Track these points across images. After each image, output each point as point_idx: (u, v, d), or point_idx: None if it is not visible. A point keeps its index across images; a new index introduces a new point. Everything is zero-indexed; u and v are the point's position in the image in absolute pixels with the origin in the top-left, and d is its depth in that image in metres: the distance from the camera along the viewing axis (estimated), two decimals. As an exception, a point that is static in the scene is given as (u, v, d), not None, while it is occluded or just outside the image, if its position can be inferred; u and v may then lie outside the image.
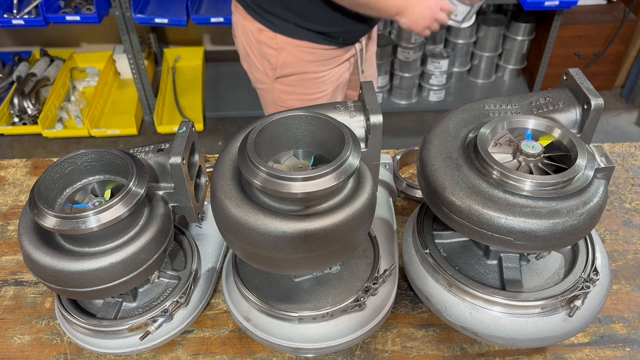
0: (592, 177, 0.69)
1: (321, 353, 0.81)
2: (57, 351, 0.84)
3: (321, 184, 0.61)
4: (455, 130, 0.77)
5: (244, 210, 0.64)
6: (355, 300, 0.79)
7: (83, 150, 0.75)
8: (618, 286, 0.91)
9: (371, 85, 0.73)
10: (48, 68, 3.21)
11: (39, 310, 0.90)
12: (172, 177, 0.77)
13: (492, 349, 0.82)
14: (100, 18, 2.59)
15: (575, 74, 0.77)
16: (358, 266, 0.84)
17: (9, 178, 1.17)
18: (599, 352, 0.82)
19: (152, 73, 3.36)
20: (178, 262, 0.88)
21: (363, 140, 0.72)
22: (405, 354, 0.82)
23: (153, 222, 0.74)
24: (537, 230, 0.65)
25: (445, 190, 0.70)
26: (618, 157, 1.17)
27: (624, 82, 3.32)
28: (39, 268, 0.70)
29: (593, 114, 0.74)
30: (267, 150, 0.70)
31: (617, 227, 1.02)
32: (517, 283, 0.77)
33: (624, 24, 2.93)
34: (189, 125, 0.79)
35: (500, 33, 3.12)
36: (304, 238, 0.63)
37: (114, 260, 0.70)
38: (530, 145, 0.72)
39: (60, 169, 0.74)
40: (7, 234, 1.04)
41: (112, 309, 0.81)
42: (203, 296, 0.86)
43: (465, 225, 0.69)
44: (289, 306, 0.79)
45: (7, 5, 2.66)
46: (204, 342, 0.84)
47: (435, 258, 0.80)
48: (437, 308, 0.79)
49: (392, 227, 0.95)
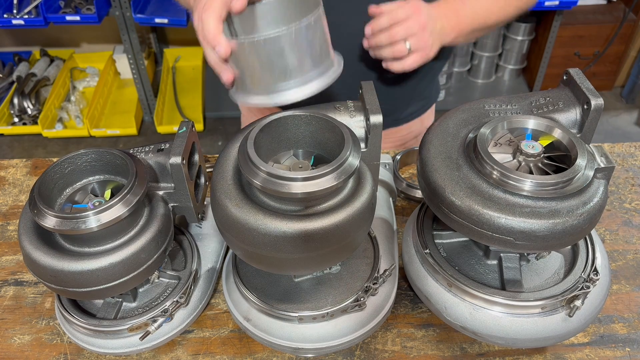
0: (592, 177, 0.69)
1: (321, 353, 0.81)
2: (57, 351, 0.84)
3: (321, 184, 0.61)
4: (455, 130, 0.77)
5: (244, 210, 0.64)
6: (355, 300, 0.79)
7: (83, 150, 0.75)
8: (618, 286, 0.91)
9: (371, 85, 0.73)
10: (48, 68, 3.21)
11: (39, 310, 0.90)
12: (172, 177, 0.77)
13: (492, 349, 0.82)
14: (100, 18, 2.59)
15: (575, 74, 0.77)
16: (358, 266, 0.84)
17: (9, 178, 1.17)
18: (599, 352, 0.82)
19: (152, 73, 3.36)
20: (178, 262, 0.88)
21: (363, 140, 0.72)
22: (405, 354, 0.82)
23: (153, 222, 0.74)
24: (537, 230, 0.65)
25: (445, 190, 0.70)
26: (618, 157, 1.17)
27: (624, 82, 3.32)
28: (39, 268, 0.70)
29: (593, 114, 0.74)
30: (267, 150, 0.70)
31: (617, 227, 1.02)
32: (517, 283, 0.77)
33: (624, 24, 2.93)
34: (189, 125, 0.79)
35: (500, 33, 3.12)
36: (304, 238, 0.63)
37: (114, 260, 0.70)
38: (530, 145, 0.72)
39: (60, 169, 0.74)
40: (7, 234, 1.04)
41: (112, 309, 0.81)
42: (203, 296, 0.86)
43: (465, 225, 0.69)
44: (289, 306, 0.79)
45: (7, 5, 2.66)
46: (204, 342, 0.84)
47: (435, 258, 0.80)
48: (437, 308, 0.79)
49: (392, 227, 0.95)
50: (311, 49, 0.67)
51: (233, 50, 0.67)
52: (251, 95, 0.70)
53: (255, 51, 0.65)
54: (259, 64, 0.66)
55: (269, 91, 0.68)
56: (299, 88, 0.69)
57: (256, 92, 0.69)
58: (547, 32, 2.93)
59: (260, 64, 0.66)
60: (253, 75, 0.67)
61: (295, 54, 0.66)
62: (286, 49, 0.65)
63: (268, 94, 0.69)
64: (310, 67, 0.68)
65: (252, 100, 0.71)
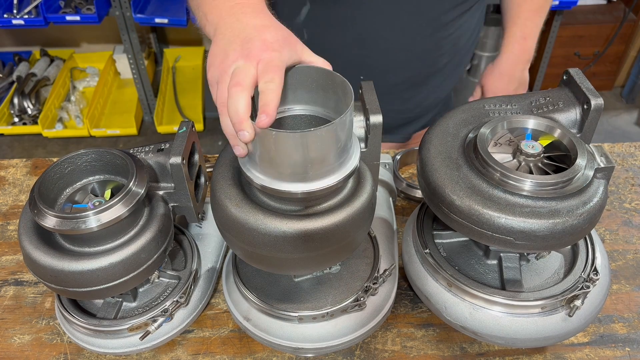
0: (592, 177, 0.69)
1: (321, 353, 0.81)
2: (57, 351, 0.84)
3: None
4: (455, 130, 0.77)
5: (244, 210, 0.64)
6: (355, 300, 0.79)
7: (83, 150, 0.75)
8: (618, 286, 0.91)
9: (371, 85, 0.73)
10: (48, 68, 3.21)
11: (39, 310, 0.90)
12: (172, 177, 0.77)
13: (492, 348, 0.82)
14: (100, 18, 2.59)
15: (575, 73, 0.77)
16: (358, 266, 0.84)
17: (9, 178, 1.17)
18: (599, 352, 0.82)
19: (152, 73, 3.36)
20: (178, 262, 0.88)
21: (363, 140, 0.72)
22: (405, 353, 0.82)
23: (153, 222, 0.74)
24: (537, 230, 0.65)
25: (445, 190, 0.70)
26: (618, 157, 1.17)
27: (624, 82, 3.32)
28: (39, 268, 0.70)
29: (593, 114, 0.74)
30: (267, 150, 0.70)
31: (617, 227, 1.02)
32: (517, 283, 0.77)
33: (624, 24, 2.93)
34: (189, 125, 0.79)
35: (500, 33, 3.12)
36: (304, 238, 0.63)
37: (114, 260, 0.70)
38: (530, 145, 0.72)
39: (60, 169, 0.74)
40: (7, 234, 1.04)
41: (112, 309, 0.81)
42: (203, 296, 0.86)
43: (465, 225, 0.69)
44: (289, 306, 0.79)
45: (7, 5, 2.66)
46: (204, 342, 0.84)
47: (435, 258, 0.80)
48: (437, 308, 0.79)
49: (392, 227, 0.95)
50: (337, 144, 0.61)
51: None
52: (261, 175, 0.63)
53: (276, 142, 0.59)
54: (277, 153, 0.60)
55: (281, 178, 0.62)
56: (314, 182, 0.63)
57: (267, 174, 0.62)
58: (547, 32, 2.93)
59: (278, 154, 0.60)
60: (269, 161, 0.61)
61: (318, 151, 0.60)
62: (312, 146, 0.59)
63: (279, 179, 0.62)
64: (333, 161, 0.62)
65: (261, 182, 0.63)
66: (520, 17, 1.22)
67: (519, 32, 1.22)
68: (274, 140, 0.57)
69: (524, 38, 1.23)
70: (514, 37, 1.23)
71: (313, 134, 0.57)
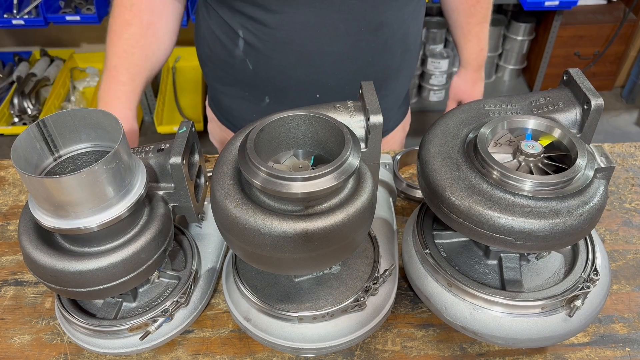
0: (592, 177, 0.69)
1: (321, 353, 0.81)
2: (57, 351, 0.84)
3: (321, 184, 0.61)
4: (455, 130, 0.77)
5: (244, 210, 0.64)
6: (355, 300, 0.79)
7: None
8: (618, 286, 0.91)
9: (371, 85, 0.73)
10: (48, 68, 3.21)
11: (39, 310, 0.90)
12: (172, 177, 0.77)
13: (492, 349, 0.82)
14: (100, 18, 2.59)
15: (575, 74, 0.77)
16: (358, 266, 0.84)
17: (9, 178, 1.17)
18: (599, 352, 0.82)
19: (152, 73, 3.35)
20: (178, 262, 0.88)
21: (363, 140, 0.72)
22: (405, 354, 0.82)
23: (153, 222, 0.74)
24: (537, 230, 0.65)
25: (445, 190, 0.70)
26: (618, 157, 1.17)
27: (624, 82, 3.33)
28: (39, 268, 0.70)
29: (593, 114, 0.74)
30: (267, 150, 0.70)
31: (617, 227, 1.02)
32: (517, 283, 0.77)
33: (624, 24, 2.93)
34: (189, 125, 0.79)
35: (500, 33, 3.12)
36: (304, 238, 0.63)
37: (114, 260, 0.70)
38: (530, 145, 0.72)
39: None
40: (7, 234, 1.04)
41: (112, 309, 0.81)
42: (203, 296, 0.86)
43: (465, 225, 0.69)
44: (289, 306, 0.79)
45: (7, 5, 2.66)
46: (204, 342, 0.84)
47: (435, 258, 0.80)
48: (437, 308, 0.79)
49: (392, 227, 0.95)
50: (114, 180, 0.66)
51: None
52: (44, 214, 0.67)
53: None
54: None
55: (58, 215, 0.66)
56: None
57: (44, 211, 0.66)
58: (547, 32, 2.93)
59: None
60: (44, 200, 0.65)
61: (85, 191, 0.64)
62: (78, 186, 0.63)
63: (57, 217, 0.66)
64: (112, 196, 0.67)
65: (41, 219, 0.67)
66: (471, 33, 1.30)
67: (475, 46, 1.32)
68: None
69: (481, 49, 1.33)
70: (472, 51, 1.34)
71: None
